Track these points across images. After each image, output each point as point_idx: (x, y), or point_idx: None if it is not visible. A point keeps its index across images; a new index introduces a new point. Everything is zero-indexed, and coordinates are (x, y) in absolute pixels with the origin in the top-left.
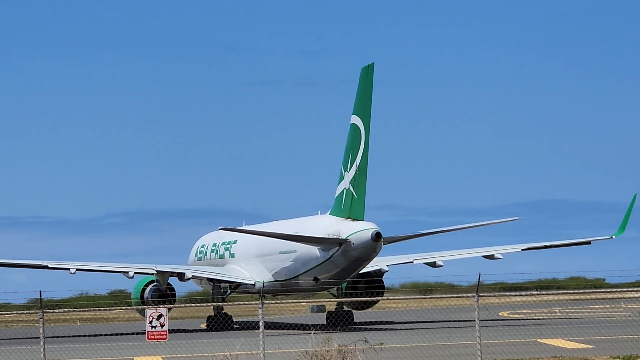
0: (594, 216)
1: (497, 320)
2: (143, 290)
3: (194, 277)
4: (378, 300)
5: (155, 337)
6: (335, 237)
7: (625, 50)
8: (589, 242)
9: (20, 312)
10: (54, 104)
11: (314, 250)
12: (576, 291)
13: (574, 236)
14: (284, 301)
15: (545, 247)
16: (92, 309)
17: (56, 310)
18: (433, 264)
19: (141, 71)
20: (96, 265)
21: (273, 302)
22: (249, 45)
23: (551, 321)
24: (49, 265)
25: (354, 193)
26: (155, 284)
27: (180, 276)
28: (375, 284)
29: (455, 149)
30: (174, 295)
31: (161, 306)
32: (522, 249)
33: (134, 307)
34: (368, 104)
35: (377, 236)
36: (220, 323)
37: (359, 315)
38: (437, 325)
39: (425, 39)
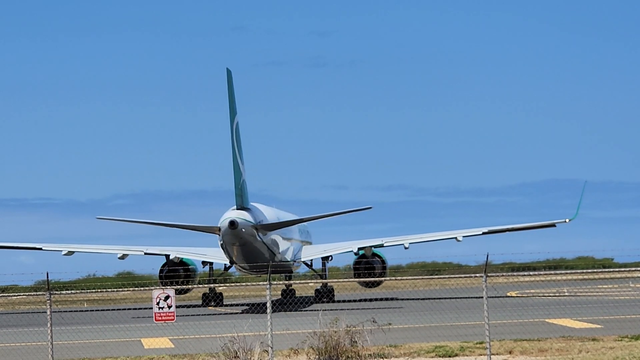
0: (603, 195)
1: (506, 299)
2: (161, 271)
3: (177, 257)
4: (382, 281)
5: (163, 318)
6: (215, 225)
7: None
8: (553, 225)
9: (27, 293)
10: (60, 86)
11: None
12: (584, 271)
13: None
14: (293, 281)
15: (507, 230)
16: (99, 290)
17: (63, 292)
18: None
19: (149, 51)
20: (88, 247)
21: (281, 282)
22: (259, 26)
23: (559, 301)
24: (43, 248)
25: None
26: (168, 265)
27: (167, 258)
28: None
29: (464, 130)
30: (188, 276)
31: (169, 287)
32: (483, 232)
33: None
34: (233, 106)
35: (231, 224)
36: (211, 300)
37: (368, 295)
38: (446, 305)
39: (434, 18)
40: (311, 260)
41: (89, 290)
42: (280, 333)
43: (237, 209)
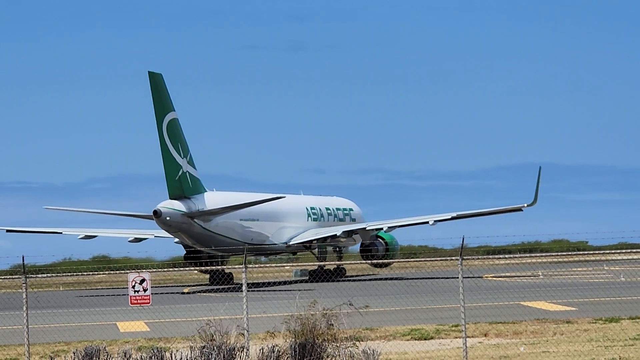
0: (578, 179)
1: (481, 282)
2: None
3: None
4: (389, 262)
5: (138, 301)
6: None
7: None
8: (520, 209)
9: (3, 277)
10: (35, 69)
11: None
12: (559, 254)
13: (559, 199)
14: (267, 264)
15: (475, 214)
16: (74, 273)
17: (39, 275)
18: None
19: (127, 35)
20: (104, 232)
21: (257, 266)
22: (236, 9)
23: (534, 284)
24: (63, 232)
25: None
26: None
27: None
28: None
29: (440, 114)
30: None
31: (144, 270)
32: (452, 217)
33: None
34: (162, 105)
35: (155, 213)
36: (219, 280)
37: (345, 282)
38: (422, 288)
39: (411, 2)
40: (309, 242)
41: (64, 274)
42: (257, 316)
43: (171, 198)
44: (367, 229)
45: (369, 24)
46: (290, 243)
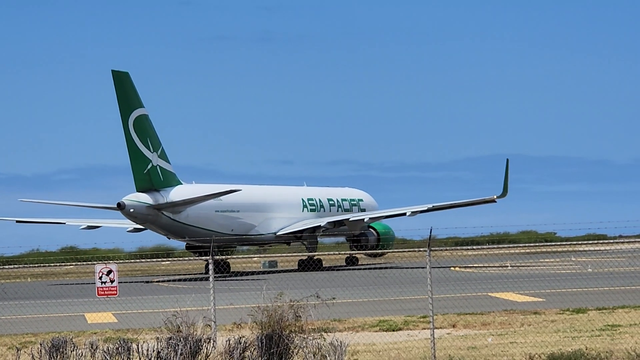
0: (546, 170)
1: (450, 274)
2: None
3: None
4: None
5: (105, 292)
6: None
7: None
8: (494, 201)
9: None
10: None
11: None
12: (527, 245)
13: (527, 191)
14: (235, 256)
15: (451, 206)
16: (42, 264)
17: (6, 267)
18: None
19: (95, 26)
20: (105, 222)
21: (223, 257)
22: (205, 0)
23: (502, 275)
24: (66, 223)
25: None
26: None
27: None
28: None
29: (409, 105)
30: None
31: (111, 262)
32: (428, 208)
33: None
34: (127, 103)
35: (118, 205)
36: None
37: (311, 275)
38: (390, 280)
39: None
40: (299, 233)
41: (32, 265)
42: (224, 308)
43: (138, 191)
44: (350, 220)
45: (337, 15)
46: (279, 233)
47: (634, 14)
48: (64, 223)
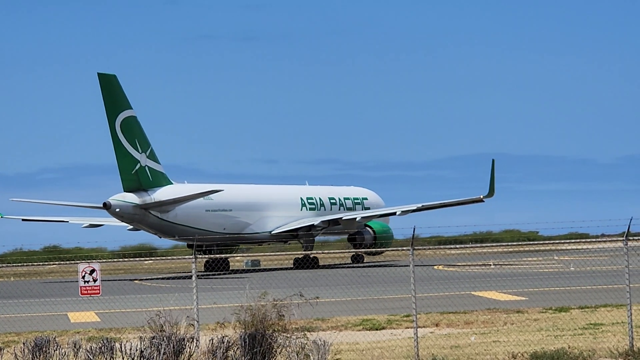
0: (529, 169)
1: (433, 272)
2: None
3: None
4: (382, 250)
5: (88, 291)
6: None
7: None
8: (482, 200)
9: None
10: None
11: None
12: (510, 244)
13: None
14: (218, 255)
15: (440, 205)
16: (25, 264)
17: None
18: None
19: (80, 26)
20: (106, 220)
21: (206, 256)
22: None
23: (485, 274)
24: (69, 221)
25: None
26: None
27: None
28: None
29: (392, 104)
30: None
31: (94, 261)
32: (418, 208)
33: None
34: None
35: (104, 205)
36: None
37: (295, 273)
38: (373, 279)
39: None
40: (295, 231)
41: (15, 264)
42: (208, 307)
43: (126, 191)
44: (343, 218)
45: (321, 14)
46: (275, 232)
47: (615, 13)
48: (67, 221)
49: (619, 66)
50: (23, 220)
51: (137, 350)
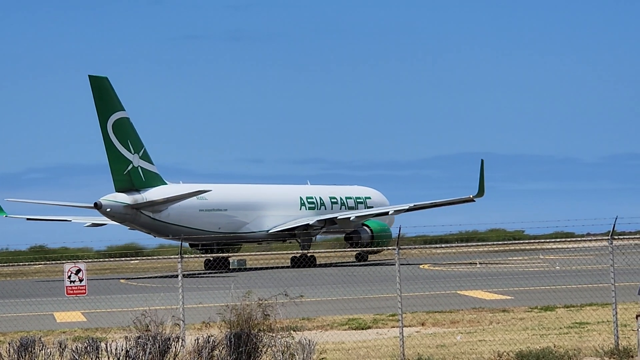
0: (515, 168)
1: (419, 271)
2: None
3: None
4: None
5: (74, 291)
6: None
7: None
8: (472, 200)
9: None
10: None
11: None
12: (496, 243)
13: (496, 189)
14: (202, 255)
15: (432, 205)
16: (11, 264)
17: None
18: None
19: (68, 26)
20: (105, 220)
21: (192, 256)
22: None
23: (471, 273)
24: (72, 220)
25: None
26: None
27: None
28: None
29: (377, 104)
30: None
31: (80, 261)
32: (410, 207)
33: None
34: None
35: (95, 205)
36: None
37: (280, 272)
38: (359, 278)
39: None
40: (292, 230)
41: (1, 264)
42: (193, 306)
43: (117, 191)
44: (339, 217)
45: (307, 14)
46: (272, 231)
47: (598, 15)
48: (70, 220)
49: (604, 66)
50: (28, 219)
51: (122, 350)
